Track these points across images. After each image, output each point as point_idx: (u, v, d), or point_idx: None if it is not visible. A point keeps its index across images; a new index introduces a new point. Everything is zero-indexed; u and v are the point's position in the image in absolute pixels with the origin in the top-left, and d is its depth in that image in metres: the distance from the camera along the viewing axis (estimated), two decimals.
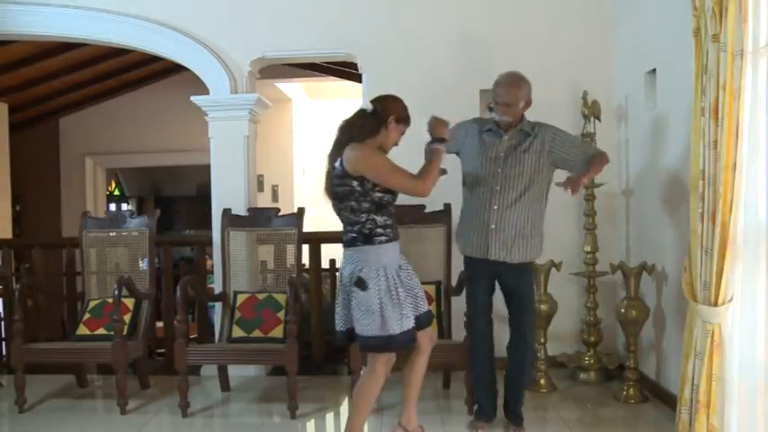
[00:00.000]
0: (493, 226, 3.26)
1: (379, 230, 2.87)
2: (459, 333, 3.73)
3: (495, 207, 3.26)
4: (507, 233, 3.27)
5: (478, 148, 3.34)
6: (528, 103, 3.35)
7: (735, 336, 2.80)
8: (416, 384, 3.13)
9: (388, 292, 2.84)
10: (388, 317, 2.82)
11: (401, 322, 2.85)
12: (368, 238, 2.86)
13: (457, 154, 3.46)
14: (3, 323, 5.49)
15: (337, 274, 2.94)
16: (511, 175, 3.27)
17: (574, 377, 4.34)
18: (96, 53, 6.54)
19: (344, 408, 3.99)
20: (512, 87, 3.29)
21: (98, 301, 4.34)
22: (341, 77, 6.93)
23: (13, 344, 3.97)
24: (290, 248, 4.33)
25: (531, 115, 4.53)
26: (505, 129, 3.33)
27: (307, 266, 4.89)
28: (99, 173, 8.71)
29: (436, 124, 3.05)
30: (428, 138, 3.11)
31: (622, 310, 3.85)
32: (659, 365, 3.90)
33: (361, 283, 2.84)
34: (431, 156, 2.99)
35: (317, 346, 4.97)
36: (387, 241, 2.88)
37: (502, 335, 3.95)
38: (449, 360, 3.99)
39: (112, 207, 10.79)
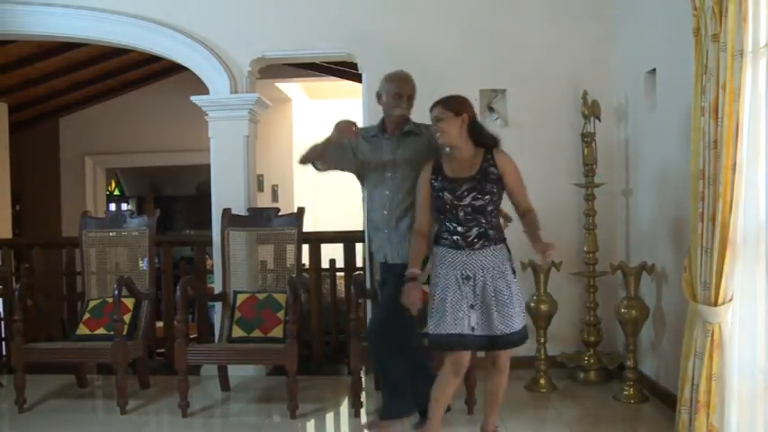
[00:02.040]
0: (386, 231, 3.30)
1: (445, 234, 3.03)
2: None
3: (385, 212, 3.29)
4: (401, 235, 3.27)
5: (369, 154, 3.35)
6: (413, 101, 3.37)
7: (735, 336, 2.79)
8: (491, 398, 3.18)
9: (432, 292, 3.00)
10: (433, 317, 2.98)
11: (437, 325, 2.94)
12: (436, 239, 3.08)
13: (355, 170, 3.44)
14: (3, 323, 5.48)
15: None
16: (401, 179, 3.27)
17: (573, 377, 4.33)
18: (96, 53, 6.54)
19: (344, 407, 3.99)
20: (403, 81, 3.34)
21: (98, 300, 4.34)
22: (341, 77, 6.93)
23: (13, 344, 3.97)
24: (290, 248, 4.33)
25: (532, 113, 4.58)
26: (391, 132, 3.35)
27: (307, 266, 4.88)
28: (99, 172, 8.70)
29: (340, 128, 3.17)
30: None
31: (622, 310, 3.85)
32: (659, 365, 3.90)
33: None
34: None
35: (317, 346, 4.97)
36: (448, 246, 2.99)
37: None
38: None
39: (112, 207, 10.79)
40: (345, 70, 6.55)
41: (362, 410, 3.76)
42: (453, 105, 3.02)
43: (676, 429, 2.98)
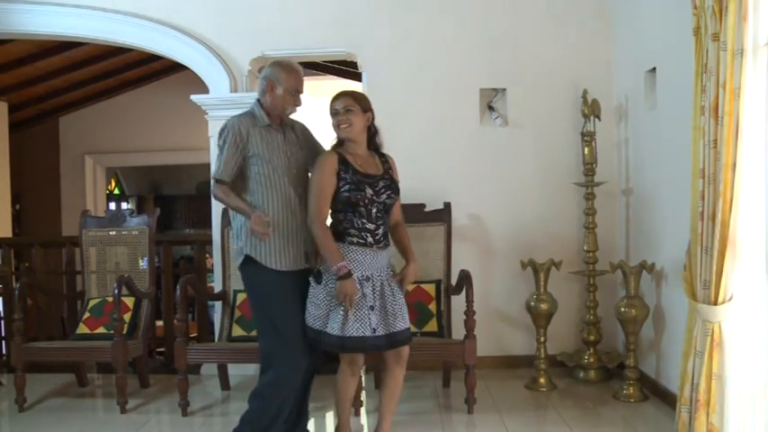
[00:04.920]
0: (295, 231, 2.99)
1: (352, 231, 2.92)
2: (458, 332, 3.74)
3: (292, 211, 2.99)
4: (306, 236, 3.01)
5: (266, 149, 2.98)
6: None
7: (735, 335, 2.79)
8: (390, 396, 3.11)
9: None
10: (331, 317, 2.88)
11: (341, 328, 2.85)
12: (340, 236, 2.92)
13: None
14: (3, 322, 5.49)
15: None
16: (300, 174, 3.06)
17: (574, 376, 4.34)
18: (96, 52, 6.55)
19: None
20: (301, 75, 3.13)
21: (98, 299, 4.34)
22: (341, 76, 6.93)
23: (13, 343, 3.97)
24: None
25: (532, 112, 4.58)
26: (277, 122, 3.05)
27: None
28: (99, 171, 8.72)
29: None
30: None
31: (622, 309, 3.85)
32: (659, 364, 3.90)
33: (317, 276, 2.93)
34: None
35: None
36: (357, 244, 2.90)
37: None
38: (449, 359, 4.00)
39: (112, 206, 10.81)
40: (345, 69, 6.55)
41: (362, 409, 3.77)
42: (362, 102, 3.05)
43: (676, 428, 2.98)
